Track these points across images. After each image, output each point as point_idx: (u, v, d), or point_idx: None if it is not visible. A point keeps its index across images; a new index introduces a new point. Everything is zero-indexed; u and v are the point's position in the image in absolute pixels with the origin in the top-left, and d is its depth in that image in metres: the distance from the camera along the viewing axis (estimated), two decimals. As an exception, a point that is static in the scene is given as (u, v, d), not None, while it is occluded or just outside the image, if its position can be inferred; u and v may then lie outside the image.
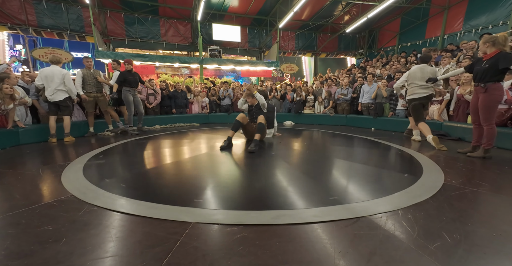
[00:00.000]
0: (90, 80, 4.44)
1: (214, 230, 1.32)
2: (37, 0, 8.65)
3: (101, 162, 2.75)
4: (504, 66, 2.54)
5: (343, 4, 10.38)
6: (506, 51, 2.61)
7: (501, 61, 2.54)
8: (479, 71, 2.74)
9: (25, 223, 1.38)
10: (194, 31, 10.98)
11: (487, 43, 2.69)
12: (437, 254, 1.10)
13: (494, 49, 2.65)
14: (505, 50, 2.62)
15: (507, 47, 2.66)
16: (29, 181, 2.12)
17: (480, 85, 2.74)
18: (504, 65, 2.53)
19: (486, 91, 2.70)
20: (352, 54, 14.01)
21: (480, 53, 2.88)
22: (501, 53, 2.60)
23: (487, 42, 2.68)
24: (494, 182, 2.07)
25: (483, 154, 2.81)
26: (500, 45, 2.62)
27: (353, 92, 6.32)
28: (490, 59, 2.65)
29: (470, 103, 3.04)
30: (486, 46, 2.70)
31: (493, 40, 2.65)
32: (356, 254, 1.10)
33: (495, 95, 2.69)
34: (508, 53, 2.58)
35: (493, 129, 2.75)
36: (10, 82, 3.91)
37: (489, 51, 2.70)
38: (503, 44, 2.62)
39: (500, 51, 2.62)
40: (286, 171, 2.42)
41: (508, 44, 2.71)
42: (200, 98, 7.00)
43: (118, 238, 1.24)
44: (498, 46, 2.63)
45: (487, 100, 2.71)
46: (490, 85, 2.67)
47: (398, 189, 1.87)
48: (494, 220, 1.42)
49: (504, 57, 2.54)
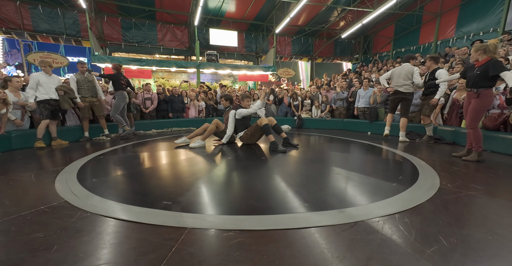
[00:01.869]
0: (84, 84, 4.41)
1: (210, 235, 1.30)
2: (33, 5, 8.64)
3: (96, 167, 2.71)
4: (493, 74, 2.65)
5: (338, 10, 10.58)
6: (496, 59, 2.71)
7: (491, 69, 2.65)
8: (471, 77, 2.85)
9: (15, 231, 1.35)
10: (191, 36, 11.05)
11: (478, 51, 2.79)
12: (434, 258, 1.10)
13: (485, 56, 2.76)
14: (495, 58, 2.72)
15: (497, 54, 2.77)
16: (20, 187, 2.07)
17: (473, 90, 2.84)
18: (494, 73, 2.64)
19: (478, 96, 2.80)
20: (348, 59, 14.21)
21: (471, 60, 3.00)
22: (491, 60, 2.70)
23: (478, 50, 2.79)
24: (488, 185, 2.08)
25: (477, 157, 2.88)
26: (490, 52, 2.72)
27: (350, 97, 6.39)
28: (482, 66, 2.75)
29: (464, 107, 3.11)
30: (478, 53, 2.81)
31: (484, 48, 2.75)
32: (353, 259, 1.09)
33: (486, 101, 2.81)
34: (498, 61, 2.69)
35: (479, 132, 2.86)
36: (14, 85, 3.89)
37: (480, 58, 2.80)
38: (494, 52, 2.73)
39: (491, 58, 2.72)
40: (282, 175, 2.40)
41: (498, 52, 2.84)
42: (197, 103, 7.00)
43: (112, 244, 1.21)
44: (489, 53, 2.73)
45: (477, 105, 2.82)
46: (482, 91, 2.77)
47: (394, 193, 1.88)
48: (490, 223, 1.43)
49: (494, 65, 2.65)
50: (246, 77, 10.92)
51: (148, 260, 1.09)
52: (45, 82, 3.91)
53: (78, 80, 4.38)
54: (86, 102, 4.42)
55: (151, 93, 6.16)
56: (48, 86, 3.92)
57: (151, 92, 6.17)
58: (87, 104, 4.45)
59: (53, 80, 4.03)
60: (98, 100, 4.58)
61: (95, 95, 4.56)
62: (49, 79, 3.99)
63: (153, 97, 6.17)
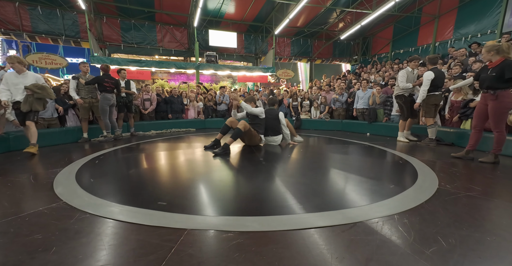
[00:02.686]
0: (84, 85, 4.40)
1: (209, 236, 1.30)
2: (32, 6, 8.64)
3: (95, 168, 2.71)
4: (509, 76, 2.56)
5: (337, 12, 10.62)
6: (511, 60, 2.63)
7: (507, 71, 2.57)
8: (486, 79, 2.76)
9: (13, 232, 1.34)
10: (190, 37, 11.06)
11: (491, 52, 2.72)
12: (434, 259, 1.10)
13: (499, 57, 2.68)
14: (510, 58, 2.64)
15: (511, 54, 2.67)
16: (19, 188, 2.06)
17: (490, 92, 2.75)
18: (510, 75, 2.55)
19: (496, 98, 2.71)
20: (346, 61, 14.26)
21: (484, 61, 2.93)
22: (506, 61, 2.63)
23: (491, 51, 2.72)
24: (487, 186, 2.09)
25: (493, 159, 2.83)
26: (504, 53, 2.65)
27: (349, 97, 6.41)
28: (496, 67, 2.67)
29: (476, 108, 3.02)
30: (490, 54, 2.74)
31: (497, 48, 2.67)
32: (353, 260, 1.09)
33: (505, 102, 2.70)
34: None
35: (504, 135, 2.78)
36: None
37: (494, 59, 2.73)
38: (508, 52, 2.64)
39: (505, 59, 2.65)
40: (282, 176, 2.41)
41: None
42: (196, 104, 7.00)
43: (111, 246, 1.21)
44: (502, 54, 2.66)
45: (497, 107, 2.73)
46: (500, 93, 2.69)
47: (393, 193, 1.88)
48: (488, 224, 1.43)
49: (510, 66, 2.57)
50: (245, 78, 10.94)
51: (148, 261, 1.08)
52: (12, 82, 3.34)
53: (78, 82, 4.36)
54: (85, 104, 4.41)
55: (150, 94, 6.16)
56: (15, 87, 3.35)
57: (150, 93, 6.16)
58: (87, 105, 4.44)
59: (24, 80, 3.39)
60: (98, 101, 4.57)
61: (95, 96, 4.55)
62: (18, 79, 3.37)
63: (152, 98, 6.17)
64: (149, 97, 6.14)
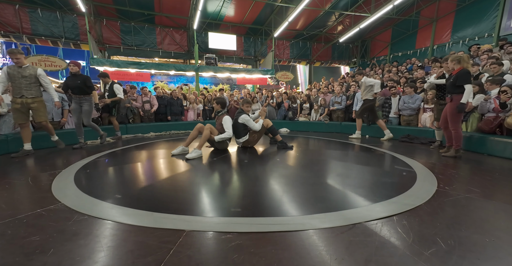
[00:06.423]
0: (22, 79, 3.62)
1: (208, 238, 1.30)
2: (32, 8, 8.66)
3: (93, 170, 2.70)
4: (460, 84, 2.98)
5: (336, 15, 10.71)
6: (466, 70, 2.99)
7: (459, 79, 2.98)
8: (447, 85, 3.21)
9: (10, 234, 1.33)
10: (190, 40, 11.10)
11: (453, 61, 3.10)
12: (432, 260, 1.10)
13: (459, 66, 3.06)
14: (467, 68, 3.02)
15: (469, 64, 3.09)
16: (17, 190, 2.05)
17: (447, 96, 3.21)
18: (460, 83, 2.97)
19: (451, 101, 3.13)
20: (345, 63, 14.33)
21: (448, 70, 3.34)
22: (461, 70, 3.00)
23: (453, 60, 3.10)
24: (485, 188, 2.10)
25: (454, 154, 3.22)
26: (464, 62, 3.02)
27: (348, 99, 6.43)
28: (455, 75, 3.06)
29: (443, 112, 3.39)
30: (453, 63, 3.11)
31: (458, 58, 3.06)
32: (352, 261, 1.09)
33: None
34: (466, 73, 2.97)
35: (460, 133, 3.17)
36: None
37: (455, 68, 3.11)
38: (467, 62, 3.04)
39: (462, 68, 3.01)
40: (280, 178, 2.41)
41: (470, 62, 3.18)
42: (195, 106, 7.01)
43: (109, 247, 1.20)
44: (463, 64, 3.02)
45: (452, 108, 3.10)
46: (454, 96, 3.09)
47: (393, 195, 1.88)
48: (487, 225, 1.44)
49: (462, 75, 2.97)
50: (245, 80, 10.96)
51: (146, 263, 1.08)
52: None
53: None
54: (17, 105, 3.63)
55: (149, 96, 6.17)
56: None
57: (149, 95, 6.17)
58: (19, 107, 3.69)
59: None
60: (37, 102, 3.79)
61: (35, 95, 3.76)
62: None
63: (152, 99, 6.18)
64: (148, 99, 6.15)
